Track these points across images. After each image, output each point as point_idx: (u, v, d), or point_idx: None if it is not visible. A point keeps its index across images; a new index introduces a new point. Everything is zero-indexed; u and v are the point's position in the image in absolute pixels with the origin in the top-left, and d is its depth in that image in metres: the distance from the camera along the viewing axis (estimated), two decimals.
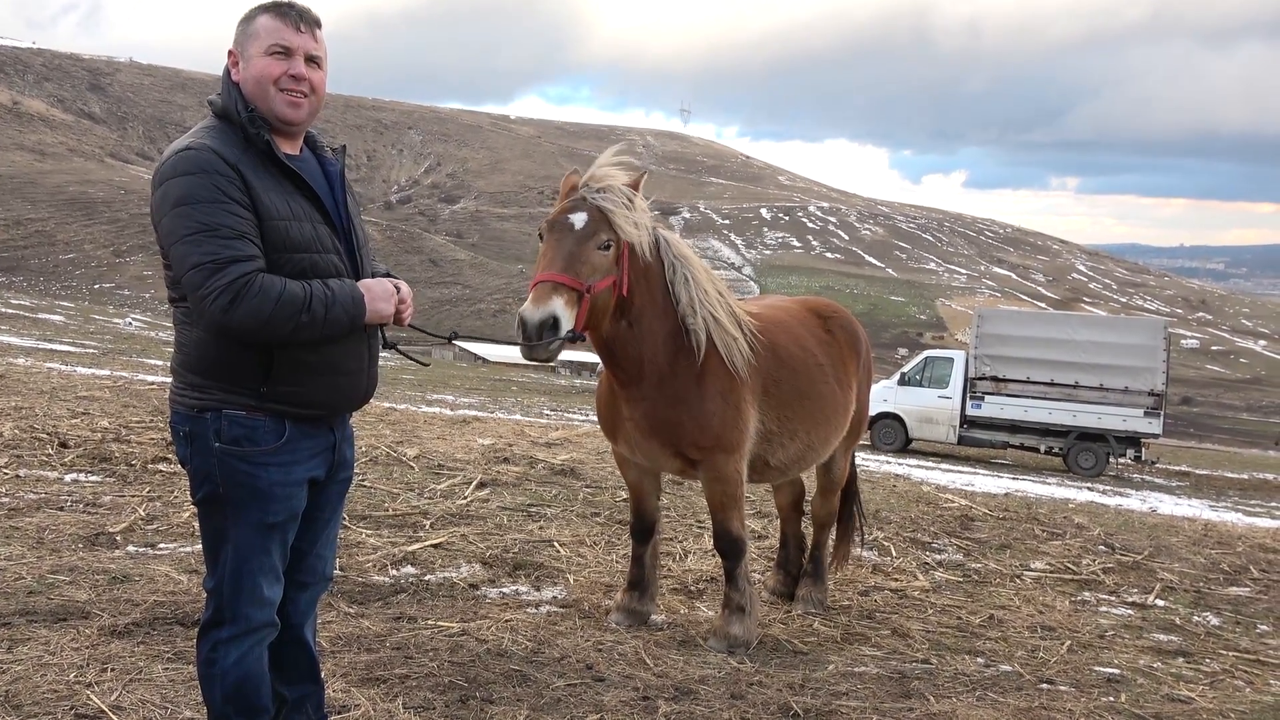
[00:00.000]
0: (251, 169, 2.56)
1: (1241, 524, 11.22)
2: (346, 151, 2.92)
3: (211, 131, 2.61)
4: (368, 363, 2.82)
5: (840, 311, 5.46)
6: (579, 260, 3.84)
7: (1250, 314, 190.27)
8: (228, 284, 2.44)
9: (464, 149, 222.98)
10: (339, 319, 2.59)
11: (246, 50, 2.64)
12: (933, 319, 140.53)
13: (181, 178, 2.50)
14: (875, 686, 4.19)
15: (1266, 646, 5.50)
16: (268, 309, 2.47)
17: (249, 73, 2.63)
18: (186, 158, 2.52)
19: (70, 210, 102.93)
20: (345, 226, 2.79)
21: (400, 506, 6.49)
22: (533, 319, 3.66)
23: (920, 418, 22.72)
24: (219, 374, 2.60)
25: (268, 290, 2.47)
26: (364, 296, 2.65)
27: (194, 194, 2.48)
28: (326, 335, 2.60)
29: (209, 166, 2.50)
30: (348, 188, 2.87)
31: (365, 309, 2.65)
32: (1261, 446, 55.99)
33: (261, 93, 2.61)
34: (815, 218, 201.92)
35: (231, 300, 2.44)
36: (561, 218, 3.95)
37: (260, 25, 2.63)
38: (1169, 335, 22.33)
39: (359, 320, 2.64)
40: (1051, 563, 7.06)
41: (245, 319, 2.46)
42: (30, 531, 5.13)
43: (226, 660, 2.66)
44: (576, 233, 3.89)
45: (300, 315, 2.51)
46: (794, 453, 4.84)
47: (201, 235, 2.46)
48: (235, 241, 2.47)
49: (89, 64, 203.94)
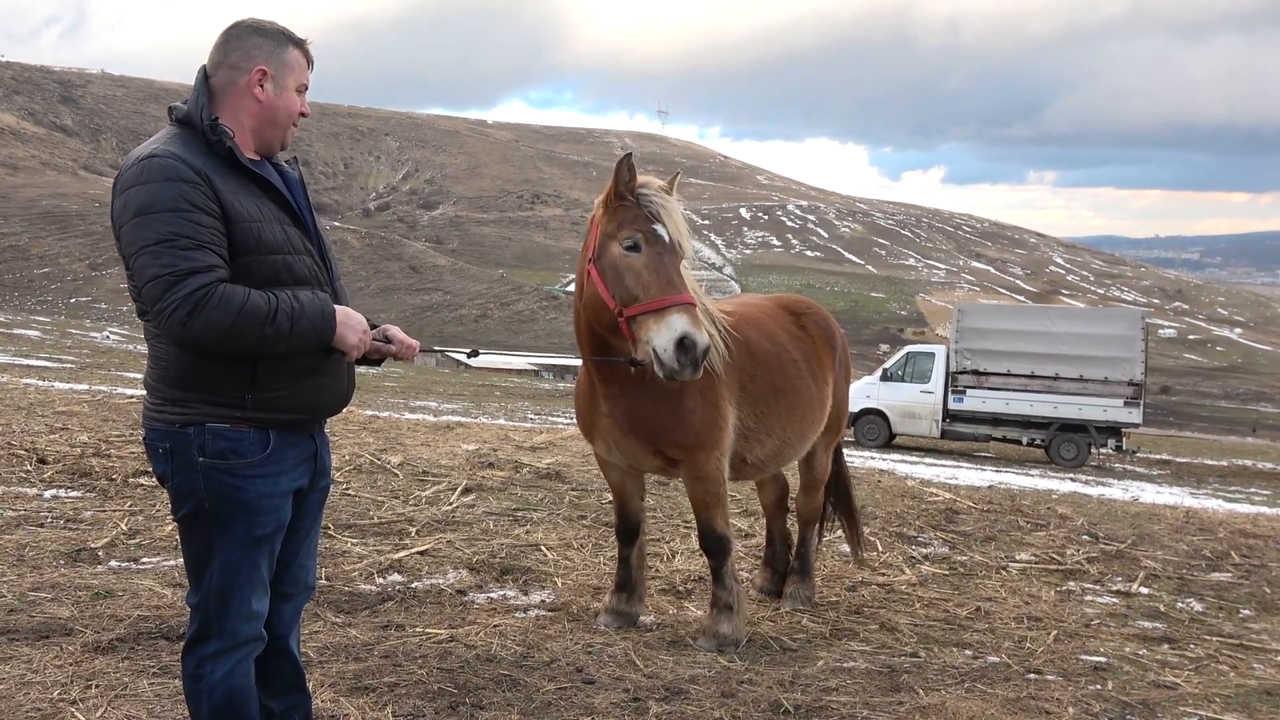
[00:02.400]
0: (218, 174, 2.54)
1: (1222, 510, 11.34)
2: (300, 162, 2.93)
3: (175, 139, 2.58)
4: (346, 364, 2.81)
5: (814, 307, 5.48)
6: (683, 280, 3.88)
7: (1226, 302, 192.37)
8: (185, 296, 2.39)
9: (441, 154, 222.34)
10: (305, 333, 2.54)
11: (283, 79, 2.67)
12: (913, 314, 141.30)
13: (143, 186, 2.46)
14: (865, 681, 4.21)
15: (1249, 631, 5.56)
16: (228, 321, 2.42)
17: (282, 102, 2.67)
18: (150, 165, 2.48)
19: (44, 224, 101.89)
20: (314, 230, 2.78)
21: (385, 514, 6.46)
22: (703, 343, 3.66)
23: (903, 413, 22.84)
24: (200, 386, 2.55)
25: (228, 301, 2.42)
26: (335, 314, 2.61)
27: (155, 202, 2.44)
28: (294, 349, 2.54)
29: (173, 174, 2.46)
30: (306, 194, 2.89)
31: (334, 328, 2.60)
32: (1240, 433, 56.61)
33: (285, 124, 2.70)
34: (794, 216, 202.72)
35: (189, 313, 2.39)
36: (654, 230, 3.89)
37: (294, 59, 2.68)
38: (1147, 325, 22.56)
39: (326, 338, 2.59)
40: (1036, 554, 7.11)
41: (204, 331, 2.41)
42: (10, 549, 5.07)
43: (214, 676, 2.63)
44: (669, 246, 3.88)
45: (264, 328, 2.46)
46: (771, 449, 4.85)
47: (160, 246, 2.41)
48: (194, 252, 2.42)
49: (60, 76, 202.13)
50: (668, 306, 3.70)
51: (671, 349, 3.64)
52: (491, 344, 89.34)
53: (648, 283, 3.78)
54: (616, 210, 3.93)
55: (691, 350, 3.63)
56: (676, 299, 3.73)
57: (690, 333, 3.64)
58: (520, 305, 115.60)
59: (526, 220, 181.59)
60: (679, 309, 3.70)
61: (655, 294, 3.75)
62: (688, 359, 3.64)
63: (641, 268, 3.81)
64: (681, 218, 3.99)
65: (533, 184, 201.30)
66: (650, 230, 3.86)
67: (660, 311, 3.70)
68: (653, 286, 3.77)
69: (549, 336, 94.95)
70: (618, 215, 3.92)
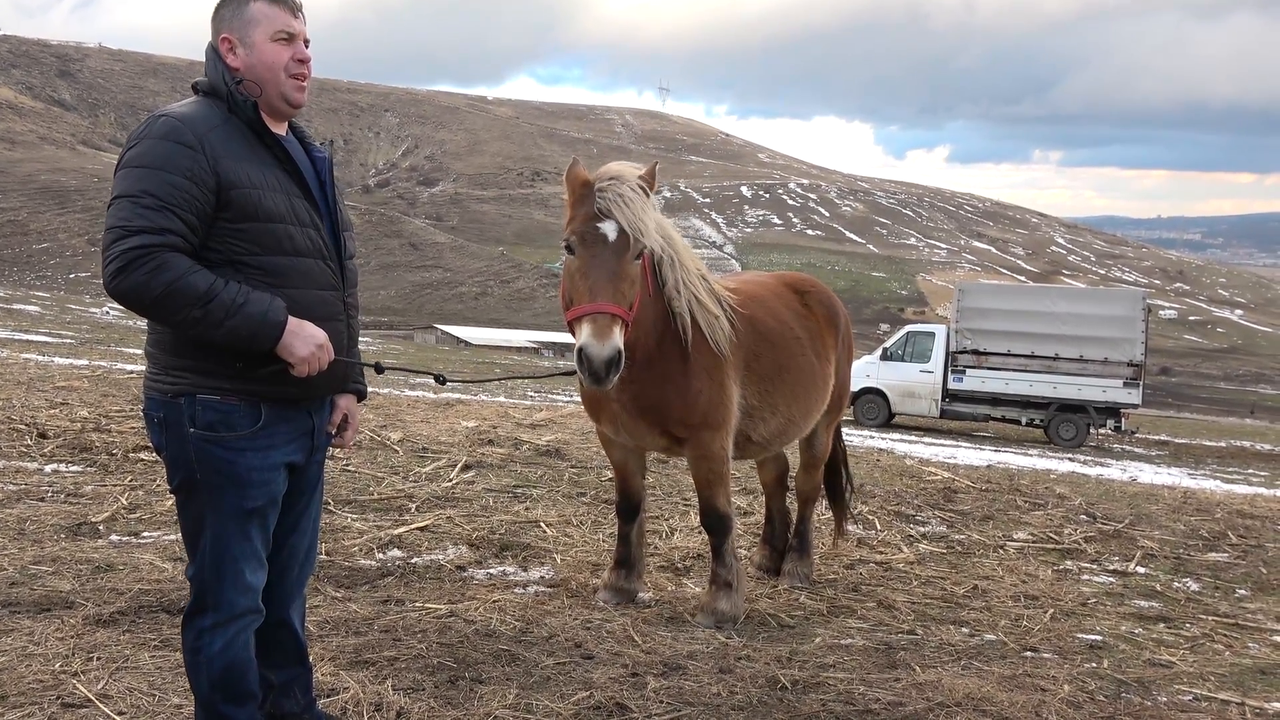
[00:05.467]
0: (225, 140, 2.52)
1: (1220, 491, 11.37)
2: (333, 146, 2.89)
3: (193, 104, 2.60)
4: (347, 344, 2.79)
5: (817, 286, 5.47)
6: (622, 280, 3.69)
7: (1227, 284, 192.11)
8: (123, 251, 2.36)
9: (441, 131, 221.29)
10: (236, 330, 2.44)
11: (248, 36, 2.60)
12: (914, 294, 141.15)
13: (141, 141, 2.49)
14: (862, 658, 4.23)
15: (1245, 610, 5.59)
16: (158, 288, 2.36)
17: (256, 58, 2.60)
18: (153, 124, 2.51)
19: (43, 199, 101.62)
20: (329, 206, 2.76)
21: (385, 490, 6.48)
22: (600, 356, 3.52)
23: (903, 392, 22.85)
24: (192, 355, 2.54)
25: (163, 269, 2.36)
26: (283, 325, 2.50)
27: (141, 157, 2.46)
28: (227, 342, 2.47)
29: (169, 133, 2.47)
30: (334, 178, 2.86)
31: (277, 336, 2.50)
32: (1239, 415, 56.66)
33: (273, 78, 2.61)
34: (795, 195, 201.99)
35: (122, 268, 2.36)
36: (592, 228, 3.73)
37: (257, 11, 2.60)
38: (1148, 306, 22.52)
39: (262, 343, 2.49)
40: (1034, 533, 7.13)
41: (131, 292, 2.38)
42: (11, 523, 5.09)
43: (212, 647, 2.64)
44: (612, 245, 3.70)
45: (192, 310, 2.39)
46: (775, 427, 4.86)
47: (126, 200, 2.41)
48: (152, 213, 2.39)
49: (58, 50, 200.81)
50: (581, 316, 3.63)
51: (580, 362, 3.59)
52: (491, 321, 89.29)
53: (576, 288, 3.74)
54: (570, 208, 3.89)
55: (585, 364, 3.56)
56: (585, 309, 3.61)
57: (585, 345, 3.55)
58: (520, 283, 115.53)
59: (527, 198, 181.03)
60: (587, 319, 3.59)
61: (577, 301, 3.70)
62: (586, 372, 3.58)
63: (574, 271, 3.76)
64: (643, 207, 3.80)
65: (533, 161, 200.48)
66: (588, 230, 3.74)
67: (577, 320, 3.65)
68: (576, 292, 3.72)
69: (549, 314, 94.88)
70: (569, 214, 3.89)
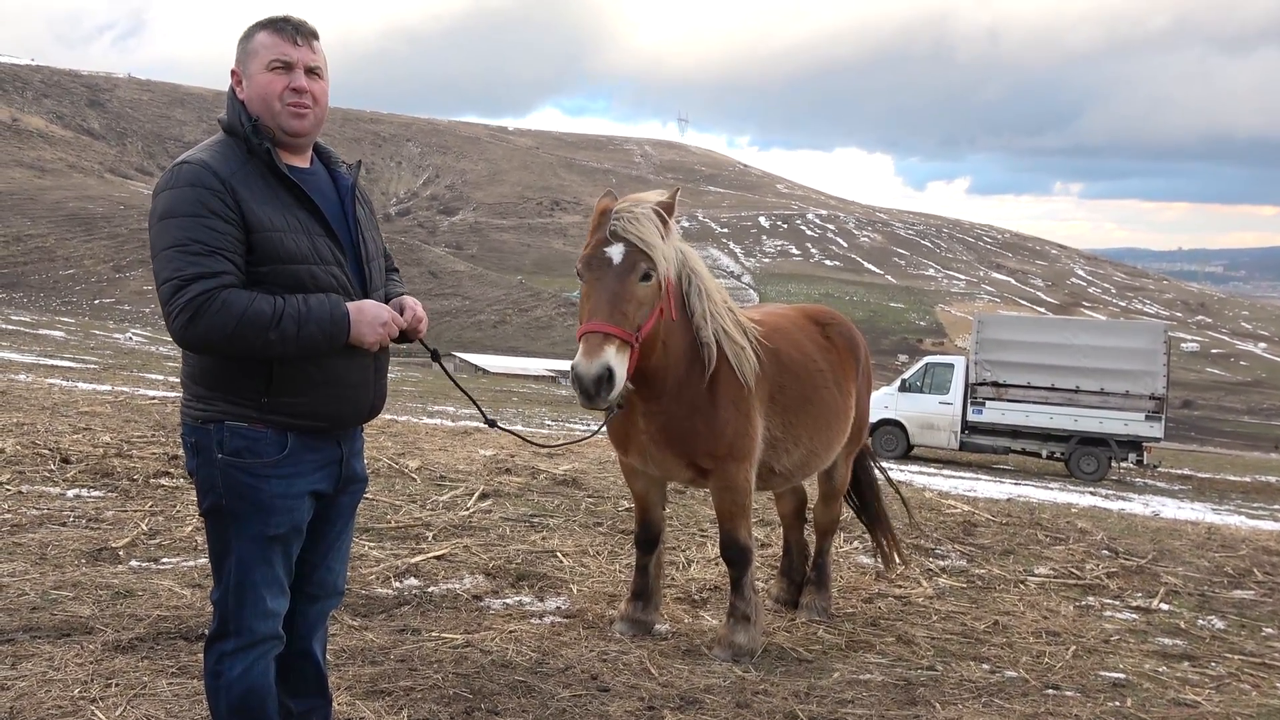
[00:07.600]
0: (246, 182, 2.58)
1: (1245, 527, 11.21)
2: (361, 166, 2.94)
3: (213, 146, 2.65)
4: (374, 375, 2.81)
5: (838, 318, 5.49)
6: (624, 300, 3.75)
7: (1250, 316, 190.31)
8: (188, 301, 2.44)
9: (462, 160, 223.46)
10: (313, 336, 2.55)
11: (249, 68, 2.68)
12: (932, 325, 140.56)
13: (169, 191, 2.55)
14: (881, 694, 4.18)
15: (1272, 649, 5.49)
16: (230, 325, 2.45)
17: (253, 90, 2.66)
18: (177, 172, 2.57)
19: (70, 226, 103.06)
20: (353, 240, 2.79)
21: (403, 518, 6.49)
22: (588, 374, 3.59)
23: (921, 424, 22.73)
24: (221, 385, 2.61)
25: (230, 306, 2.45)
26: (348, 316, 2.61)
27: (175, 208, 2.51)
28: (304, 353, 2.57)
29: (196, 180, 2.53)
30: (360, 199, 2.88)
31: (347, 330, 2.61)
32: (1263, 449, 55.96)
33: (267, 108, 2.65)
34: (814, 225, 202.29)
35: (191, 317, 2.44)
36: (598, 253, 3.83)
37: (259, 42, 2.67)
38: (1169, 339, 22.37)
39: (338, 340, 2.61)
40: (1055, 568, 7.05)
41: (206, 335, 2.46)
42: (33, 547, 5.12)
43: (232, 673, 2.66)
44: (616, 268, 3.77)
45: (268, 332, 2.48)
46: (798, 459, 4.86)
47: (173, 250, 2.48)
48: (204, 258, 2.47)
49: (88, 80, 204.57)
50: (580, 337, 3.75)
51: (572, 382, 3.70)
52: (509, 349, 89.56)
53: (582, 310, 3.87)
54: (588, 235, 4.00)
55: (575, 382, 3.66)
56: (582, 330, 3.75)
57: (575, 363, 3.66)
58: (538, 311, 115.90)
59: (546, 227, 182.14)
60: (582, 339, 3.72)
61: (582, 322, 3.81)
62: (577, 390, 3.68)
63: (584, 295, 3.88)
64: (652, 228, 3.84)
65: (552, 191, 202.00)
66: (595, 255, 3.85)
67: (579, 342, 3.74)
68: (581, 315, 3.86)
69: (566, 343, 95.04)
70: (586, 241, 3.99)
